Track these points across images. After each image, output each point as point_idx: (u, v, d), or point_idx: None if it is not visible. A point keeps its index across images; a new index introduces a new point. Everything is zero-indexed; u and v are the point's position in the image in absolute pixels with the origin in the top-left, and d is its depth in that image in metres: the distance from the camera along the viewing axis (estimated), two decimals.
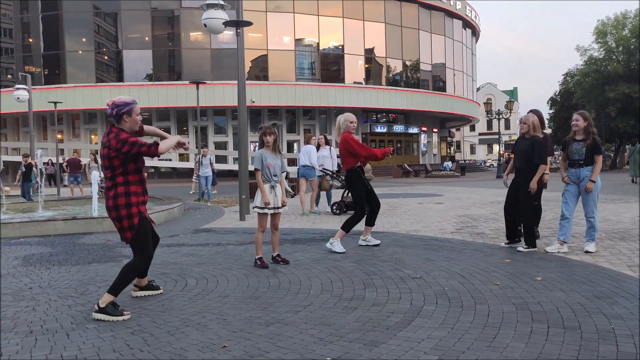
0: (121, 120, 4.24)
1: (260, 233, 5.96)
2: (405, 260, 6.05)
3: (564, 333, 3.52)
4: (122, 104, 4.24)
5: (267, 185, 5.94)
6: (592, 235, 6.41)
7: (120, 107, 4.22)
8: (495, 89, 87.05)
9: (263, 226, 5.95)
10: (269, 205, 5.85)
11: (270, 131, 5.97)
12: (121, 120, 4.24)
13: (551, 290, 4.60)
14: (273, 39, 36.56)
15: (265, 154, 5.94)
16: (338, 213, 11.08)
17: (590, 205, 6.36)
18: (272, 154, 5.98)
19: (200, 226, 9.90)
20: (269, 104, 36.20)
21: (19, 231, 9.20)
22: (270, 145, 5.97)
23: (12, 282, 5.50)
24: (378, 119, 43.01)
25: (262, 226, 5.95)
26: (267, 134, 5.94)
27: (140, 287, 4.77)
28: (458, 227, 8.81)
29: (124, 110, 4.22)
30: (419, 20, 41.82)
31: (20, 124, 38.89)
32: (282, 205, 5.97)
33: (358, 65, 39.61)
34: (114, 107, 4.22)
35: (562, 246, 6.35)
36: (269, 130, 5.97)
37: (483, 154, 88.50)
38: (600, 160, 6.29)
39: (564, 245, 6.36)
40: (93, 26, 36.71)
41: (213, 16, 10.99)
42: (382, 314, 4.03)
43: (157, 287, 4.84)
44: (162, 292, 4.83)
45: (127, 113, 4.23)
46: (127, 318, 4.05)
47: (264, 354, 3.27)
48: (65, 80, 36.00)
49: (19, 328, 3.90)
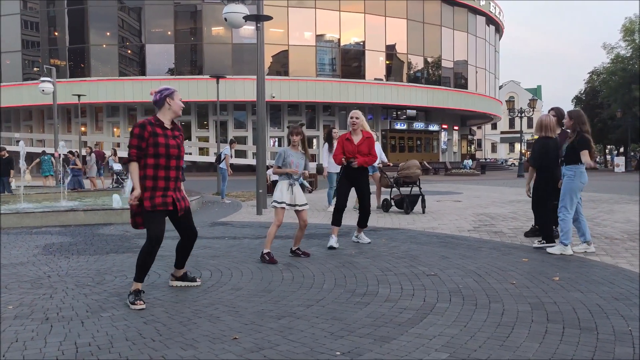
0: (164, 103, 4.37)
1: (276, 227, 5.94)
2: (420, 257, 6.01)
3: (579, 334, 3.46)
4: (164, 88, 4.44)
5: (285, 182, 5.94)
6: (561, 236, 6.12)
7: (163, 91, 4.39)
8: (519, 87, 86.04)
9: (280, 220, 5.93)
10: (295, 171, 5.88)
11: (296, 131, 6.05)
12: (164, 103, 4.37)
13: (569, 290, 4.52)
14: (294, 35, 36.57)
15: (289, 152, 5.97)
16: (386, 210, 10.84)
17: (562, 202, 6.13)
18: (297, 153, 5.99)
19: (217, 219, 9.96)
20: (289, 99, 36.23)
21: (40, 220, 9.37)
22: (297, 145, 6.03)
23: (31, 270, 5.59)
24: (398, 116, 42.79)
25: (279, 220, 5.93)
26: (294, 134, 6.03)
27: (177, 277, 4.83)
28: (476, 225, 8.73)
29: (166, 93, 4.38)
30: (441, 16, 41.45)
31: (45, 116, 39.52)
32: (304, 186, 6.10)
33: (379, 62, 39.42)
34: (156, 93, 4.40)
35: (589, 246, 6.22)
36: (295, 130, 6.06)
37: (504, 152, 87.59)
38: (586, 154, 5.94)
39: (590, 245, 6.23)
40: (117, 20, 37.13)
41: (234, 10, 11.03)
42: (395, 310, 4.00)
43: (193, 279, 4.87)
44: (200, 284, 4.85)
45: (169, 96, 4.38)
46: (138, 308, 4.10)
47: (274, 346, 3.27)
48: (89, 73, 36.50)
49: (35, 315, 3.96)
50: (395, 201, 10.75)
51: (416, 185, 10.75)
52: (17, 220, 9.30)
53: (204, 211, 11.51)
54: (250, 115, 37.09)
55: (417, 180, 10.74)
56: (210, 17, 35.68)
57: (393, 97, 38.66)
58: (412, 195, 10.67)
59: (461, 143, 52.22)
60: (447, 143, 47.31)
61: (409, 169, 10.70)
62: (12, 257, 6.33)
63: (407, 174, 10.64)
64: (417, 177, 10.70)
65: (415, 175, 10.64)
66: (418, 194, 10.63)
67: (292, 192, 5.92)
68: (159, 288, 4.74)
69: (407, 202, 10.42)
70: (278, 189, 5.97)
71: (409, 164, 10.82)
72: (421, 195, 10.64)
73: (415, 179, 10.69)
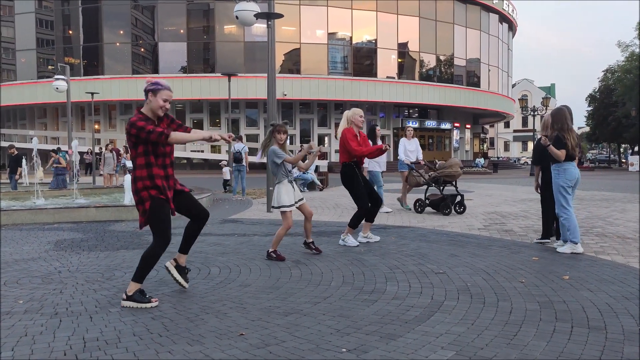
0: (146, 97, 4.17)
1: (285, 230, 5.84)
2: (429, 255, 5.99)
3: (588, 333, 3.42)
4: (153, 82, 4.20)
5: (286, 182, 5.86)
6: (564, 235, 6.16)
7: (149, 85, 4.17)
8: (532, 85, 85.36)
9: (289, 224, 5.82)
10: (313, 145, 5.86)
11: (284, 129, 5.89)
12: (146, 97, 4.17)
13: (578, 289, 4.48)
14: (306, 33, 36.59)
15: (278, 150, 5.82)
16: (420, 211, 10.27)
17: (556, 202, 6.19)
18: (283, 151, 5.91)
19: (227, 217, 9.99)
20: (301, 97, 36.27)
21: (53, 217, 9.46)
22: (283, 143, 5.88)
23: (42, 265, 5.65)
24: (410, 114, 42.65)
25: (289, 224, 5.82)
26: (281, 132, 5.84)
27: (177, 264, 4.58)
28: (486, 223, 8.68)
29: (150, 88, 4.15)
30: (454, 14, 41.23)
31: (59, 114, 39.91)
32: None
33: (391, 60, 39.31)
34: (149, 84, 4.18)
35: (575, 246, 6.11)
36: (282, 128, 5.88)
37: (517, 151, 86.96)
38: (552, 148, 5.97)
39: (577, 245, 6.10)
40: (131, 19, 37.38)
41: (245, 8, 11.06)
42: (402, 308, 3.99)
43: (186, 279, 4.60)
44: (186, 289, 4.57)
45: (152, 91, 4.14)
46: (155, 305, 4.07)
47: (280, 342, 3.27)
48: (102, 71, 36.80)
49: (45, 310, 4.00)
50: (432, 201, 10.17)
51: (452, 184, 10.20)
52: (30, 216, 9.41)
53: (214, 208, 11.56)
54: (262, 113, 37.18)
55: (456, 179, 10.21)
56: (222, 15, 35.80)
57: (405, 95, 38.54)
58: (451, 195, 10.05)
59: (473, 141, 51.93)
60: (459, 141, 47.06)
61: (451, 167, 10.06)
62: (24, 252, 6.41)
63: (450, 172, 9.98)
64: (459, 176, 10.14)
65: (458, 174, 10.04)
66: (455, 194, 10.08)
67: (294, 189, 5.91)
68: (168, 284, 4.76)
69: (449, 202, 9.85)
70: (283, 192, 5.80)
71: (451, 162, 10.21)
72: (460, 195, 10.10)
73: (457, 178, 10.13)
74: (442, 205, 9.89)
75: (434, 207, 10.11)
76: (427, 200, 10.25)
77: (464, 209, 10.04)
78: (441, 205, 9.91)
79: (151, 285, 4.72)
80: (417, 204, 10.32)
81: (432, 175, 10.31)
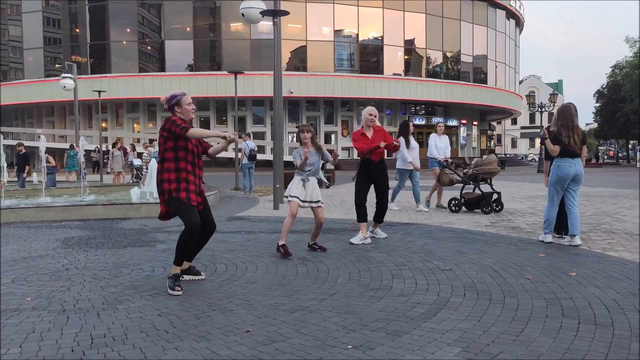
0: (174, 111, 4.62)
1: (290, 219, 5.90)
2: (436, 252, 5.98)
3: (594, 329, 3.41)
4: (171, 96, 4.65)
5: (298, 177, 5.95)
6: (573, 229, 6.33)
7: (171, 100, 4.63)
8: (540, 81, 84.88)
9: (293, 212, 5.89)
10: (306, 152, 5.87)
11: (306, 128, 6.01)
12: (174, 111, 4.62)
13: (585, 286, 4.46)
14: (312, 30, 36.55)
15: (302, 151, 5.91)
16: (456, 210, 9.78)
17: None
18: (311, 150, 5.95)
19: (234, 214, 10.02)
20: (307, 95, 36.25)
21: (61, 215, 9.51)
22: (307, 142, 5.96)
23: (50, 262, 5.69)
24: (417, 111, 42.54)
25: (292, 212, 5.89)
26: (304, 131, 6.00)
27: (182, 270, 4.80)
28: (493, 220, 8.65)
29: (174, 102, 4.61)
30: (460, 10, 41.05)
31: (67, 112, 40.08)
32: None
33: (397, 57, 39.22)
34: (166, 102, 4.65)
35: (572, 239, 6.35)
36: (305, 128, 6.04)
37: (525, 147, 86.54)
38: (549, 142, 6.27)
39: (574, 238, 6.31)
40: (137, 17, 37.47)
41: (251, 6, 11.07)
42: (408, 305, 3.99)
43: (197, 272, 4.91)
44: (204, 277, 4.89)
45: (176, 104, 4.60)
46: (176, 294, 4.30)
47: (286, 339, 3.28)
48: (109, 69, 36.93)
49: (52, 307, 4.03)
50: (468, 200, 9.74)
51: (487, 182, 9.76)
52: (38, 214, 9.47)
53: (221, 206, 11.58)
54: (268, 110, 37.19)
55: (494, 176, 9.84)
56: (229, 13, 35.81)
57: (412, 92, 38.44)
58: (489, 193, 9.60)
59: (480, 138, 51.76)
60: (466, 138, 46.92)
61: (490, 164, 9.65)
62: (33, 250, 6.45)
63: (488, 169, 9.58)
64: (497, 173, 9.78)
65: (497, 171, 9.71)
66: (491, 192, 9.63)
67: (305, 188, 5.92)
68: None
69: (489, 200, 9.45)
70: (291, 183, 6.02)
71: (490, 159, 9.85)
72: (497, 193, 9.68)
73: (495, 175, 9.77)
74: (483, 203, 9.50)
75: (470, 206, 9.72)
76: (463, 199, 9.79)
77: (502, 207, 9.68)
78: (482, 203, 9.52)
79: (158, 282, 4.74)
80: (452, 202, 9.87)
81: (467, 172, 9.89)
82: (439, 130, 10.80)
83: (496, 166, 9.69)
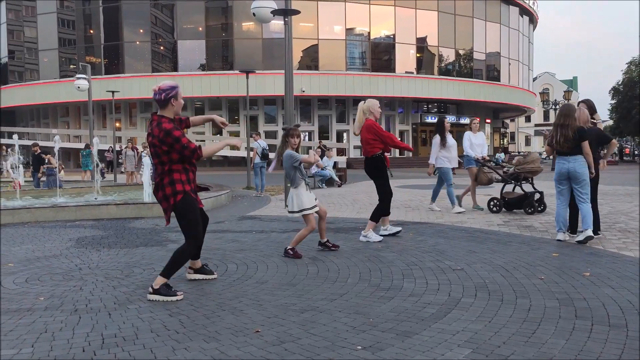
0: (168, 104, 4.29)
1: (309, 232, 5.81)
2: (447, 251, 5.94)
3: (608, 331, 3.36)
4: (169, 87, 4.29)
5: (303, 184, 5.82)
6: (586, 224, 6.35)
7: (168, 91, 4.27)
8: (554, 78, 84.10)
9: (313, 226, 5.79)
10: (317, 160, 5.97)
11: (297, 133, 5.83)
12: (168, 104, 4.29)
13: (599, 286, 4.41)
14: (324, 29, 36.52)
15: (294, 153, 5.81)
16: (496, 210, 9.34)
17: None
18: None
19: (246, 213, 10.04)
20: (319, 94, 36.24)
21: (74, 214, 9.60)
22: (296, 147, 5.84)
23: (64, 262, 5.74)
24: (429, 109, 42.35)
25: (312, 226, 5.78)
26: (294, 136, 5.78)
27: (195, 270, 4.84)
28: (505, 219, 8.58)
29: (172, 94, 4.28)
30: (473, 7, 40.78)
31: (81, 112, 40.46)
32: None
33: (409, 55, 39.06)
34: (161, 92, 4.27)
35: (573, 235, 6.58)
36: (295, 132, 5.81)
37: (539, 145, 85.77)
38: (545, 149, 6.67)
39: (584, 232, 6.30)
40: (150, 17, 37.71)
41: (261, 5, 11.07)
42: (418, 305, 3.97)
43: (210, 272, 4.88)
44: (216, 277, 4.87)
45: (174, 97, 4.30)
46: (180, 298, 4.20)
47: (295, 340, 3.28)
48: (123, 70, 37.21)
49: (65, 306, 4.06)
50: (509, 200, 9.30)
51: (529, 181, 9.41)
52: (52, 213, 9.56)
53: (233, 205, 11.62)
54: (280, 109, 37.23)
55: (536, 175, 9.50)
56: (240, 13, 35.90)
57: (424, 90, 38.28)
58: (531, 193, 9.23)
59: (493, 136, 51.39)
60: None
61: (533, 162, 9.31)
62: (46, 249, 6.51)
63: (532, 168, 9.23)
64: (540, 172, 9.40)
65: (540, 170, 9.34)
66: (533, 192, 9.26)
67: (310, 192, 5.90)
68: (186, 281, 4.80)
69: (533, 200, 9.08)
70: (303, 195, 5.76)
71: (533, 157, 9.54)
72: (539, 193, 9.30)
73: (538, 174, 9.43)
74: (526, 203, 9.14)
75: (511, 206, 9.30)
76: (504, 199, 9.36)
77: (545, 207, 9.24)
78: (525, 203, 9.16)
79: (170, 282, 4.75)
80: (492, 203, 9.46)
81: (507, 171, 9.52)
82: (474, 127, 10.25)
83: (539, 165, 9.41)
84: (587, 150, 6.26)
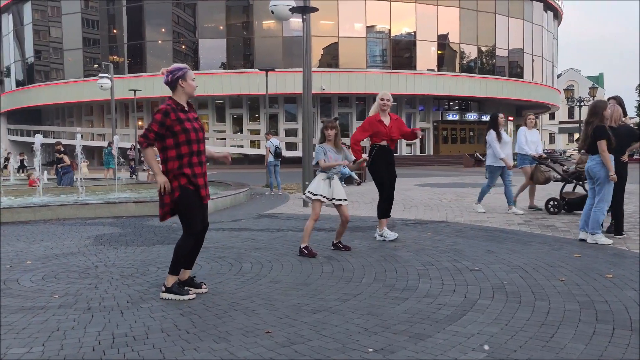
0: (177, 85, 4.20)
1: (313, 221, 5.81)
2: (465, 251, 5.83)
3: (630, 335, 3.24)
4: (176, 68, 4.22)
5: (323, 175, 5.85)
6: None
7: (175, 72, 4.20)
8: (579, 75, 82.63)
9: (317, 214, 5.82)
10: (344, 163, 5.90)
11: (332, 125, 5.91)
12: (177, 85, 4.20)
13: (622, 288, 4.27)
14: (344, 26, 36.43)
15: (326, 148, 5.86)
16: (554, 212, 8.82)
17: None
18: (334, 148, 5.90)
19: (263, 212, 10.02)
20: (339, 92, 36.16)
21: (94, 212, 9.69)
22: (332, 140, 5.89)
23: (81, 260, 5.78)
24: (450, 106, 41.94)
25: (316, 214, 5.81)
26: (329, 128, 5.88)
27: (181, 282, 4.33)
28: (526, 218, 8.41)
29: (179, 75, 4.19)
30: (495, 3, 40.25)
31: (105, 111, 41.03)
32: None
33: (430, 52, 38.75)
34: (168, 74, 4.20)
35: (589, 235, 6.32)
36: (330, 124, 5.91)
37: (563, 143, 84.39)
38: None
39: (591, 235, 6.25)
40: (172, 16, 38.04)
41: (280, 3, 11.05)
42: (433, 306, 3.88)
43: (199, 285, 4.38)
44: (206, 291, 4.37)
45: (181, 77, 4.19)
46: (192, 297, 4.16)
47: (306, 341, 3.23)
48: (145, 69, 37.61)
49: (78, 305, 4.07)
50: (570, 201, 8.77)
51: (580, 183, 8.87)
52: (73, 211, 9.66)
53: (251, 203, 11.62)
54: (300, 107, 37.23)
55: None
56: (261, 11, 36.00)
57: (445, 87, 37.94)
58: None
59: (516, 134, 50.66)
60: None
61: None
62: (65, 247, 6.57)
63: None
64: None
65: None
66: None
67: (330, 186, 5.84)
68: (199, 279, 4.77)
69: None
70: (315, 182, 5.90)
71: None
72: None
73: None
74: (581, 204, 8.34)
75: (572, 207, 8.73)
76: (564, 199, 8.85)
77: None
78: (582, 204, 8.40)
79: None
80: (551, 203, 8.93)
81: (567, 169, 9.03)
82: (529, 122, 9.69)
83: None
84: (601, 148, 6.05)
